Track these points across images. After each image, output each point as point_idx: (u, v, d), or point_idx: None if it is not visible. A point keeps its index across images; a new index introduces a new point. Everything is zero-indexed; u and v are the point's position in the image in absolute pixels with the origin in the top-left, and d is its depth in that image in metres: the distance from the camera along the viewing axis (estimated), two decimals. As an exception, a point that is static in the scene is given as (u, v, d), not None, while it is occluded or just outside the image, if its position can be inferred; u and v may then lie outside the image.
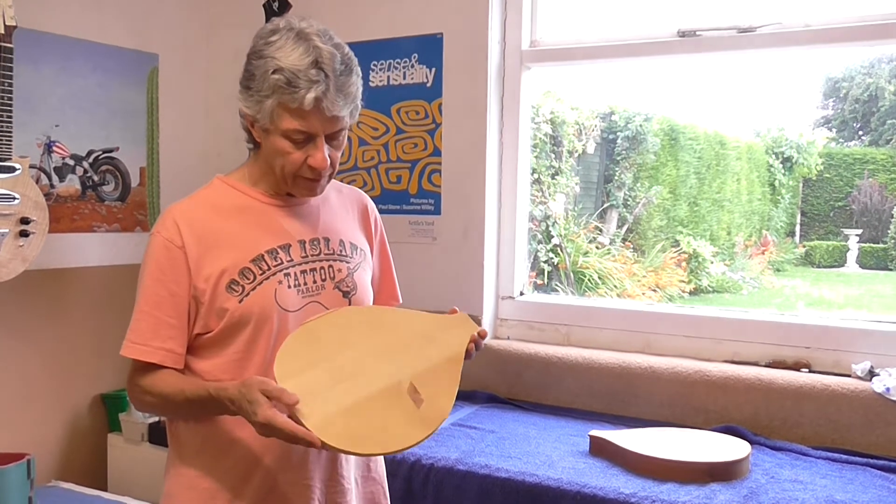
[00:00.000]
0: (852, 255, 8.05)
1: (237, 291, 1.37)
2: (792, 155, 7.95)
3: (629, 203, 6.79)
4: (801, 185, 8.32)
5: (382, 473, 1.60)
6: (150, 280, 1.38)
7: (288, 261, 1.42)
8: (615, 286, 5.83)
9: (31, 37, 2.51)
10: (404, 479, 2.02)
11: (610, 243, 6.36)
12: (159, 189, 3.00)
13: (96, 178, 2.79)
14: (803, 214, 8.52)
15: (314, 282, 1.44)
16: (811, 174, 8.07)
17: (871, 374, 2.17)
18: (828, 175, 8.25)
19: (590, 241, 6.09)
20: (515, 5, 2.68)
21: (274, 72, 1.31)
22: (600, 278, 5.80)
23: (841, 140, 9.45)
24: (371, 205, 1.64)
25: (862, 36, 2.26)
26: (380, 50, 2.82)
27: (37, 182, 2.51)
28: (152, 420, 2.68)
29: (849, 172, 8.28)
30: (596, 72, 7.77)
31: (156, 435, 2.66)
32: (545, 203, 5.61)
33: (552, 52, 2.70)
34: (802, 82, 9.54)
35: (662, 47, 2.50)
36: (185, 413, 1.41)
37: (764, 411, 2.25)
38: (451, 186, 2.73)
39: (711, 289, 6.97)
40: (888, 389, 2.10)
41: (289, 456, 1.40)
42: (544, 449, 2.11)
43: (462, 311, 1.49)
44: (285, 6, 2.72)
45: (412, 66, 2.78)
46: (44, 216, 2.36)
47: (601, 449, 2.06)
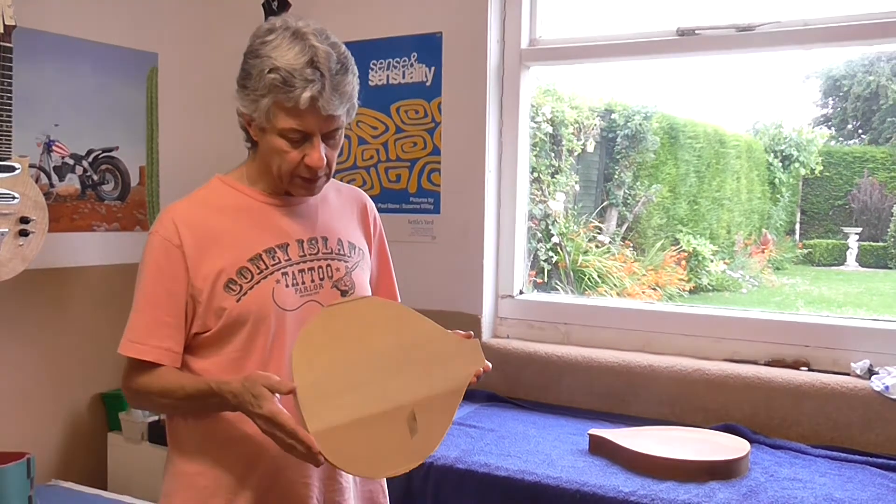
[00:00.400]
0: (852, 254, 8.04)
1: (235, 291, 1.37)
2: (792, 153, 7.94)
3: (629, 202, 6.78)
4: (801, 184, 8.31)
5: (382, 472, 1.60)
6: (149, 279, 1.39)
7: (286, 260, 1.42)
8: (615, 285, 5.83)
9: (31, 36, 2.51)
10: (403, 478, 2.01)
11: (610, 242, 6.35)
12: (159, 188, 3.00)
13: (96, 178, 2.79)
14: (803, 213, 8.51)
15: (312, 281, 1.44)
16: (811, 172, 8.06)
17: (871, 373, 2.18)
18: (828, 173, 8.23)
19: (589, 240, 6.08)
20: (515, 4, 2.68)
21: (270, 71, 1.31)
22: (600, 277, 5.79)
23: (841, 138, 9.43)
24: (370, 204, 1.64)
25: (861, 35, 2.26)
26: (379, 49, 2.83)
27: (36, 181, 2.51)
28: (152, 419, 2.68)
29: (848, 171, 8.27)
30: (595, 70, 7.78)
31: (155, 434, 2.66)
32: (545, 202, 5.61)
33: (552, 51, 2.70)
34: (802, 80, 9.54)
35: (662, 46, 2.50)
36: (184, 409, 1.41)
37: (763, 410, 2.25)
38: (451, 185, 2.73)
39: (711, 287, 6.96)
40: (887, 388, 2.10)
41: (287, 454, 1.40)
42: (544, 447, 2.11)
43: (476, 339, 1.46)
44: (284, 5, 2.71)
45: (411, 65, 2.79)
46: (43, 215, 2.35)
47: (600, 447, 2.07)
